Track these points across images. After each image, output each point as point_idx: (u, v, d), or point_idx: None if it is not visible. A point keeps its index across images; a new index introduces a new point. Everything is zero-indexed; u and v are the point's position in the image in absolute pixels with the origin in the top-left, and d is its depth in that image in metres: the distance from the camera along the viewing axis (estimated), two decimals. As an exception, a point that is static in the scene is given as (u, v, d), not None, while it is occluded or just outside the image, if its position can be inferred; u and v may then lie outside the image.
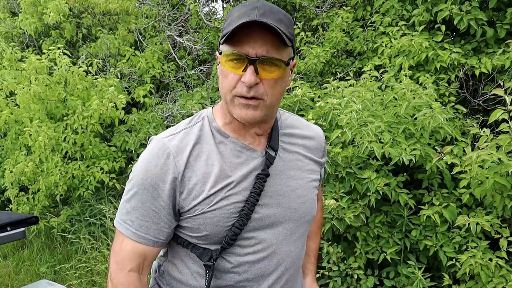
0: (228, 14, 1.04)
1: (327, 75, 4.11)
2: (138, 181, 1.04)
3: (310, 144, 1.20)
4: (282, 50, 1.00)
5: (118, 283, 1.06)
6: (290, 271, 1.14)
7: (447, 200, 2.71)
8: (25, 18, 5.06)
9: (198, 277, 1.10)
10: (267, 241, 1.08)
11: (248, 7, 0.98)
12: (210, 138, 1.07)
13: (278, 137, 1.12)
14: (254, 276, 1.09)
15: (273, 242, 1.09)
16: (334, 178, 2.87)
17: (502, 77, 3.19)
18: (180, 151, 1.03)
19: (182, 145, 1.04)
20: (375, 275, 2.88)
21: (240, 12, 0.98)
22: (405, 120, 2.86)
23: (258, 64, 0.97)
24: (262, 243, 1.08)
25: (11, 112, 4.29)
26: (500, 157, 2.25)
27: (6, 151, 4.74)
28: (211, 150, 1.05)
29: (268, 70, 0.98)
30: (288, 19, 1.01)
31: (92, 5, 5.17)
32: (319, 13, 4.50)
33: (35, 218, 2.42)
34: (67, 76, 4.22)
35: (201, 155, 1.05)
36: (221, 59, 1.02)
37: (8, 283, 4.06)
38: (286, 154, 1.13)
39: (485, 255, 2.42)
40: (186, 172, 1.02)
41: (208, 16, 5.48)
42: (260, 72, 0.97)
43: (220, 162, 1.05)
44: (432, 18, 3.49)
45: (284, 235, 1.11)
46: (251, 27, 0.95)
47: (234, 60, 0.98)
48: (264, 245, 1.08)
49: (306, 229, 1.19)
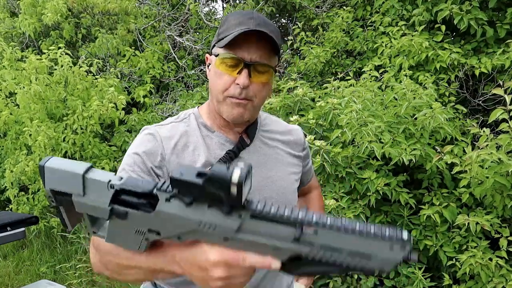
0: (223, 19, 1.14)
1: (327, 75, 4.12)
2: (130, 153, 1.10)
3: (288, 139, 1.28)
4: (272, 58, 1.11)
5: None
6: None
7: (447, 200, 2.71)
8: (25, 18, 5.06)
9: None
10: None
11: (245, 16, 1.07)
12: (197, 131, 1.16)
13: (255, 131, 1.21)
14: None
15: None
16: (334, 178, 2.87)
17: (502, 77, 3.19)
18: (168, 139, 1.11)
19: (170, 134, 1.13)
20: (375, 275, 2.89)
21: (236, 20, 1.07)
22: (405, 120, 2.86)
23: (252, 68, 1.07)
24: None
25: (10, 112, 4.29)
26: (500, 156, 2.25)
27: (6, 151, 4.74)
28: (198, 141, 1.14)
29: (259, 74, 1.09)
30: (278, 32, 1.12)
31: (91, 5, 5.17)
32: (319, 13, 4.50)
33: (35, 218, 2.42)
34: (68, 76, 4.22)
35: (189, 145, 1.13)
36: (217, 61, 1.10)
37: (8, 283, 4.06)
38: (266, 148, 1.22)
39: (485, 255, 2.42)
40: (173, 157, 1.10)
41: (208, 16, 5.49)
42: (252, 75, 1.07)
43: (206, 153, 1.13)
44: (432, 18, 3.49)
45: None
46: (248, 35, 1.05)
47: (229, 63, 1.08)
48: None
49: None
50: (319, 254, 0.69)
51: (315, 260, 0.70)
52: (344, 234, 0.68)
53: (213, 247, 0.75)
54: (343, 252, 0.68)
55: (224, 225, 0.73)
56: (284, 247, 0.71)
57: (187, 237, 0.77)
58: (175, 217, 0.75)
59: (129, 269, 0.87)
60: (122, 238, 0.82)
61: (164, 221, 0.76)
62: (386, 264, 0.66)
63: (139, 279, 0.89)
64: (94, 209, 0.80)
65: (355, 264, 0.68)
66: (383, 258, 0.66)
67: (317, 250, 0.69)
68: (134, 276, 0.88)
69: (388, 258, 0.66)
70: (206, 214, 0.73)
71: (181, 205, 0.74)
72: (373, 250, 0.67)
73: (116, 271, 0.90)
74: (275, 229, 0.71)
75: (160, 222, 0.77)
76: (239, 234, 0.73)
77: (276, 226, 0.71)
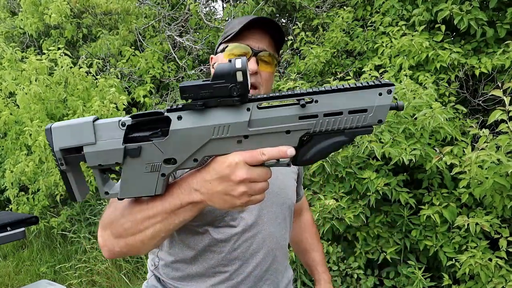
0: (227, 24, 1.21)
1: (327, 75, 4.11)
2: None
3: None
4: (275, 52, 1.16)
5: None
6: (275, 252, 1.20)
7: (447, 200, 2.71)
8: (25, 17, 5.06)
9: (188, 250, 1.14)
10: (253, 222, 1.15)
11: (249, 17, 1.12)
12: None
13: None
14: (243, 254, 1.14)
15: (258, 223, 1.16)
16: (334, 178, 2.87)
17: (502, 77, 3.18)
18: None
19: None
20: (375, 275, 2.89)
21: (241, 20, 1.12)
22: (405, 120, 2.86)
23: (259, 56, 1.11)
24: (248, 223, 1.14)
25: (10, 112, 4.29)
26: (500, 157, 2.25)
27: (6, 151, 4.75)
28: None
29: (265, 64, 1.13)
30: (281, 27, 1.19)
31: (93, 5, 5.17)
32: (319, 13, 4.50)
33: (35, 218, 2.42)
34: (67, 77, 4.22)
35: None
36: (225, 54, 1.13)
37: (8, 283, 4.07)
38: None
39: (485, 255, 2.42)
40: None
41: (208, 16, 5.48)
42: (259, 64, 1.12)
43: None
44: (433, 18, 3.49)
45: (268, 217, 1.18)
46: (254, 27, 1.11)
47: (237, 53, 1.11)
48: (250, 225, 1.14)
49: (288, 215, 1.26)
50: (325, 123, 0.76)
51: (322, 133, 0.76)
52: (339, 95, 0.75)
53: (229, 155, 0.77)
54: (344, 113, 0.75)
55: (236, 122, 0.76)
56: (294, 128, 0.76)
57: (203, 155, 0.78)
58: (189, 133, 0.78)
59: (146, 221, 0.84)
60: (136, 185, 0.82)
61: (179, 143, 0.78)
62: (380, 112, 0.75)
63: (159, 230, 0.85)
64: (107, 155, 0.80)
65: (356, 124, 0.75)
66: (377, 107, 0.74)
67: (322, 119, 0.75)
68: (153, 228, 0.85)
69: (380, 105, 0.74)
70: (218, 116, 0.77)
71: (193, 117, 0.78)
72: (367, 102, 0.75)
73: (132, 232, 0.86)
74: (281, 112, 0.76)
75: (175, 145, 0.78)
76: (252, 128, 0.77)
77: (281, 110, 0.76)
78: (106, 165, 0.81)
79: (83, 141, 0.80)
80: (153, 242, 0.88)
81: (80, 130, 0.81)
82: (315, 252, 1.53)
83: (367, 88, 0.74)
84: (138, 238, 0.87)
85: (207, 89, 0.75)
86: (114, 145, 0.80)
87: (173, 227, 0.86)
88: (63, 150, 0.82)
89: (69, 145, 0.81)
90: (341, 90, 0.75)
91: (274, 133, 0.76)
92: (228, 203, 0.78)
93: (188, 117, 0.78)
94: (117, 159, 0.80)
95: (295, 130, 0.76)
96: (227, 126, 0.76)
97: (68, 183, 0.85)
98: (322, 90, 0.75)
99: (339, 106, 0.75)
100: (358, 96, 0.74)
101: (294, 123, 0.76)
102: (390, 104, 0.74)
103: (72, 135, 0.81)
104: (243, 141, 0.77)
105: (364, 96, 0.74)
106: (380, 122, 0.75)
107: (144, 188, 0.82)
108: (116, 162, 0.81)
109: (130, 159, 0.80)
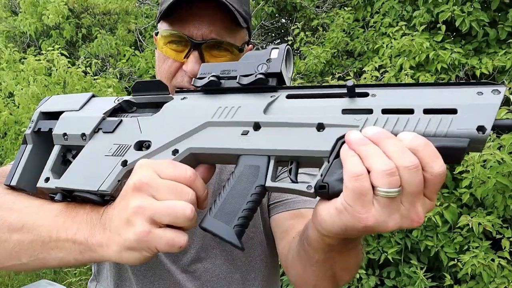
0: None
1: (327, 75, 4.11)
2: None
3: None
4: (235, 33, 0.82)
5: None
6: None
7: (448, 200, 2.71)
8: (25, 18, 5.05)
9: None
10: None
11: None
12: None
13: None
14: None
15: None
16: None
17: (502, 77, 3.19)
18: None
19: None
20: (376, 274, 2.89)
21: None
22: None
23: (204, 49, 0.79)
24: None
25: (10, 112, 4.28)
26: (503, 157, 2.25)
27: (5, 151, 4.73)
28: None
29: (217, 56, 0.81)
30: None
31: (92, 6, 5.17)
32: (319, 13, 4.50)
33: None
34: (65, 77, 4.22)
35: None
36: (159, 41, 0.82)
37: (8, 283, 4.05)
38: None
39: (487, 255, 2.42)
40: None
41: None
42: (206, 59, 0.80)
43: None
44: (433, 19, 3.49)
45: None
46: (196, 2, 0.76)
47: (174, 43, 0.81)
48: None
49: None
50: (382, 123, 0.50)
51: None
52: (412, 90, 0.51)
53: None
54: (416, 111, 0.48)
55: (249, 103, 0.58)
56: (330, 122, 0.51)
57: (188, 147, 0.58)
58: (184, 109, 0.63)
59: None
60: (85, 171, 0.64)
61: (166, 123, 0.62)
62: (481, 113, 0.46)
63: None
64: (77, 123, 0.67)
65: (436, 130, 0.47)
66: (475, 105, 0.47)
67: (379, 116, 0.50)
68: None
69: (481, 104, 0.47)
70: (230, 98, 0.60)
71: (200, 98, 0.62)
72: (456, 100, 0.48)
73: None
74: (318, 103, 0.55)
75: (160, 125, 0.62)
76: (268, 114, 0.57)
77: (319, 100, 0.55)
78: (71, 136, 0.67)
79: (67, 107, 0.70)
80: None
81: (72, 99, 0.72)
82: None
83: (459, 86, 0.49)
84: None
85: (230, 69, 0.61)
86: (92, 113, 0.67)
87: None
88: (42, 113, 0.72)
89: (51, 110, 0.71)
90: (415, 85, 0.52)
91: (299, 126, 0.52)
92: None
93: (194, 97, 0.63)
94: (86, 130, 0.66)
95: (332, 126, 0.51)
96: (236, 107, 0.58)
97: (19, 158, 0.71)
98: (386, 84, 0.53)
99: (409, 100, 0.50)
100: (443, 93, 0.49)
101: (333, 115, 0.52)
102: (498, 103, 0.47)
103: (63, 103, 0.72)
104: (250, 133, 0.55)
105: (453, 94, 0.49)
106: (481, 130, 0.46)
107: (91, 177, 0.62)
108: (82, 133, 0.66)
109: (99, 134, 0.65)
